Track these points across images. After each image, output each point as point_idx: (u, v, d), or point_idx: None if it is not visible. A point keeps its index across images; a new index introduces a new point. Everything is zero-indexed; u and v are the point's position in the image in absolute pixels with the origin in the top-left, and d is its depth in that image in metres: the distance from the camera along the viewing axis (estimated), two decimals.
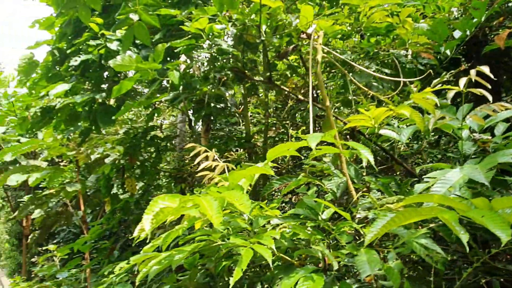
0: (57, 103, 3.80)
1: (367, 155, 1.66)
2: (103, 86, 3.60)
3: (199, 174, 1.91)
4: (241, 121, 6.16)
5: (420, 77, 2.62)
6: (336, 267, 1.38)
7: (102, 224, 4.74)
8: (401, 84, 2.57)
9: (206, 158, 2.08)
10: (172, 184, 5.29)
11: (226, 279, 2.29)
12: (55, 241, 8.01)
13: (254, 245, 1.39)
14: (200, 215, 1.72)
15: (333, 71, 4.03)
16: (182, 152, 5.35)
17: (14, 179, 5.56)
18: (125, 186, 4.63)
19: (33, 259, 9.17)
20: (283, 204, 5.19)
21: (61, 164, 8.24)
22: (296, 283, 1.44)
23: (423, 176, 1.72)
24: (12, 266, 16.38)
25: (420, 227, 1.68)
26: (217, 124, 6.24)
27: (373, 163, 1.62)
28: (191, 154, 2.04)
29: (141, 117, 6.43)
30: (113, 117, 3.08)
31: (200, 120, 5.07)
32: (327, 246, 1.64)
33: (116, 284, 3.66)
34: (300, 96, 3.10)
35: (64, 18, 3.29)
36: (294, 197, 5.16)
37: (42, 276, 5.77)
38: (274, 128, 5.54)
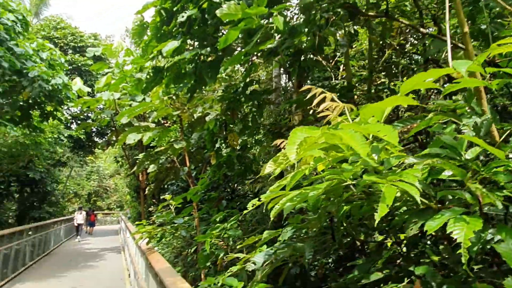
0: (165, 63, 4.04)
1: None
2: (205, 43, 3.68)
3: (320, 114, 1.83)
4: (333, 76, 5.86)
5: None
6: (500, 207, 1.20)
7: (209, 176, 5.10)
8: None
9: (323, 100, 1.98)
10: (270, 139, 5.38)
11: (344, 224, 2.25)
12: (166, 194, 8.98)
13: (397, 182, 1.28)
14: (325, 156, 1.66)
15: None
16: (279, 106, 5.33)
17: (132, 138, 6.27)
18: (227, 141, 4.84)
19: (150, 209, 10.56)
20: None
21: (166, 125, 9.05)
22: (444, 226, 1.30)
23: None
24: (134, 215, 19.26)
25: None
26: (308, 80, 6.05)
27: None
28: (308, 96, 1.96)
29: (236, 74, 6.56)
30: (221, 69, 3.14)
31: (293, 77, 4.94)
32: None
33: (228, 229, 3.93)
34: (422, 29, 2.73)
35: None
36: None
37: (159, 223, 6.54)
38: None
